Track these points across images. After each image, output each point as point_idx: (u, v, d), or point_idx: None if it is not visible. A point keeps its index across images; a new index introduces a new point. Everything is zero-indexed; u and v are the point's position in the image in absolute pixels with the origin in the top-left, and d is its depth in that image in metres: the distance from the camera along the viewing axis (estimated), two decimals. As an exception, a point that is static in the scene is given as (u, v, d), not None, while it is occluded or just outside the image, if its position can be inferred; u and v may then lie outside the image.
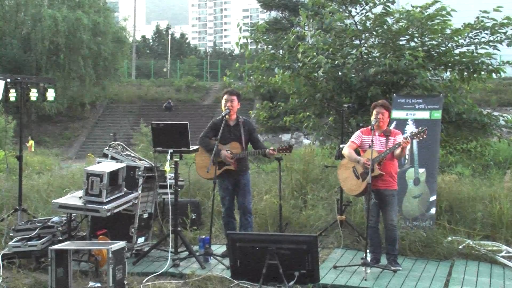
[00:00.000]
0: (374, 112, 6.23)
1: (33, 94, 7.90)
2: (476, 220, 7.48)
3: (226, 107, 6.65)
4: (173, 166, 6.59)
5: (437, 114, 7.58)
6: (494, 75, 8.62)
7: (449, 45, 8.55)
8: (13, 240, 6.42)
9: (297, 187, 8.69)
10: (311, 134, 10.58)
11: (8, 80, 7.65)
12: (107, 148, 7.14)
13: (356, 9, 9.08)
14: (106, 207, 6.17)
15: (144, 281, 5.76)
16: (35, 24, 32.41)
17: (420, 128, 6.18)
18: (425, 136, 6.09)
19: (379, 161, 6.04)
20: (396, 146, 6.02)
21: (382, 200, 6.18)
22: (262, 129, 9.40)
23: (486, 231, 7.36)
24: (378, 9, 8.68)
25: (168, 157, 6.45)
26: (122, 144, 7.28)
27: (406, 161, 7.46)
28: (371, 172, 5.94)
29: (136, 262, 6.41)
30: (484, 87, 9.90)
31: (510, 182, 9.12)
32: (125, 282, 5.52)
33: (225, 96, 6.73)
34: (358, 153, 6.31)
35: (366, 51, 9.01)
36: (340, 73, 8.68)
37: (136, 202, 6.58)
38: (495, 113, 9.26)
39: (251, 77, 9.65)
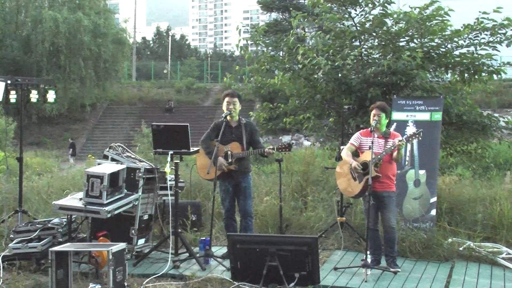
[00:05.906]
0: (372, 114, 6.24)
1: (34, 96, 7.89)
2: (477, 221, 7.48)
3: (228, 109, 6.65)
4: (173, 167, 6.59)
5: (438, 116, 7.58)
6: (494, 76, 8.61)
7: (449, 46, 8.55)
8: (14, 242, 6.42)
9: (297, 188, 8.69)
10: (311, 135, 10.59)
11: (9, 81, 7.63)
12: (107, 149, 7.15)
13: (355, 10, 9.08)
14: (106, 208, 6.17)
15: (144, 283, 5.76)
16: (36, 26, 32.39)
17: (416, 129, 6.19)
18: (420, 138, 6.10)
19: (376, 162, 6.03)
20: (392, 147, 6.03)
21: (380, 202, 6.18)
22: (262, 132, 9.38)
23: (487, 232, 7.36)
24: (377, 11, 8.69)
25: (169, 159, 6.46)
26: (122, 145, 7.29)
27: (407, 162, 7.45)
28: (371, 174, 5.94)
29: (136, 264, 6.41)
30: (485, 89, 9.90)
31: (510, 183, 9.12)
32: (126, 284, 5.52)
33: (226, 98, 6.69)
34: (357, 155, 6.32)
35: (365, 52, 9.02)
36: (340, 75, 8.68)
37: (136, 203, 6.59)
38: (496, 115, 9.26)
39: (251, 79, 9.65)
